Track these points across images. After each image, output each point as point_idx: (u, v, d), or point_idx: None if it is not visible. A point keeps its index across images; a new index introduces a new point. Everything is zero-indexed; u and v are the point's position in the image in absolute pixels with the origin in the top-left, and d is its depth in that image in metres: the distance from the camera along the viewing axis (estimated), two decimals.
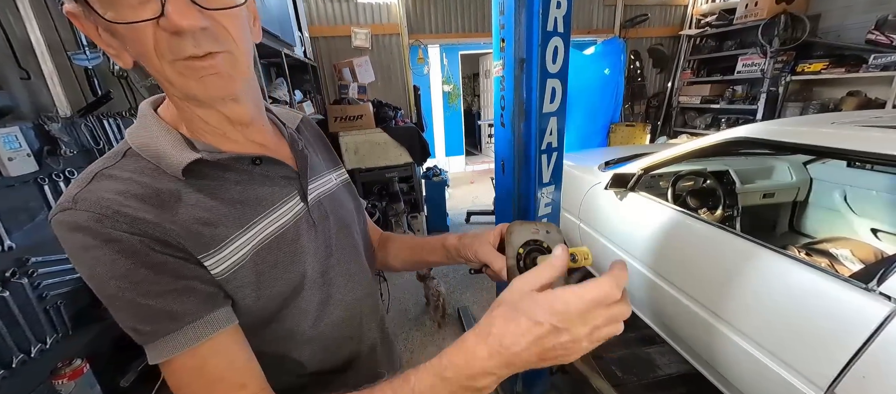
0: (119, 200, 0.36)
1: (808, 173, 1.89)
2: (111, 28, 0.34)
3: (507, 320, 0.32)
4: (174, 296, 0.36)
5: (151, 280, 0.36)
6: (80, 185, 0.37)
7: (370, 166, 3.00)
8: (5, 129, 1.02)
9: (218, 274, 0.39)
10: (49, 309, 1.10)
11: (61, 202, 0.36)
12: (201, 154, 0.40)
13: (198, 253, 0.38)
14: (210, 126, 0.43)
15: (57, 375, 1.02)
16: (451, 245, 0.60)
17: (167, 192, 0.38)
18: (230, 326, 0.39)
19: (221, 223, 0.40)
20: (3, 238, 1.01)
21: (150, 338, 0.36)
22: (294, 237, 0.46)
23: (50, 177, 1.14)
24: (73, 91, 1.35)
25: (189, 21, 0.33)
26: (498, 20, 1.11)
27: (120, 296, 0.35)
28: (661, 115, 4.74)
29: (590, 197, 1.91)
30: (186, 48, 0.35)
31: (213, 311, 0.38)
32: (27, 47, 1.26)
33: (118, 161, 0.39)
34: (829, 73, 3.10)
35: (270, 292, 0.43)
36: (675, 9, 4.45)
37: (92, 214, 0.34)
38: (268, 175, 0.46)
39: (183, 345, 0.36)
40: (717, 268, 1.20)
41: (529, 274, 0.34)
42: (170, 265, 0.37)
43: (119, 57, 0.37)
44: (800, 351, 0.95)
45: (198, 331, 0.37)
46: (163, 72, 0.36)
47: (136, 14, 0.33)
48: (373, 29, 3.62)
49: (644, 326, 1.61)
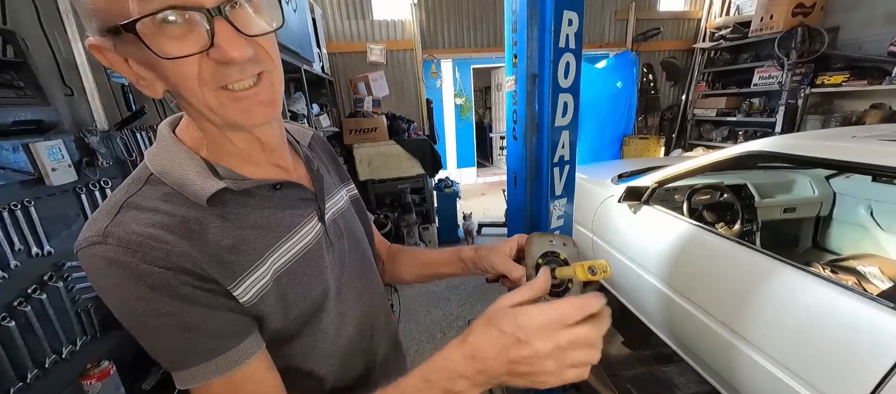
0: (148, 232, 0.35)
1: (831, 188, 1.83)
2: (150, 60, 0.33)
3: (481, 329, 0.35)
4: (206, 328, 0.37)
5: (184, 313, 0.36)
6: (107, 216, 0.36)
7: (383, 178, 3.05)
8: (50, 142, 1.09)
9: (246, 302, 0.40)
10: (80, 312, 1.16)
11: (90, 236, 0.35)
12: (226, 183, 0.40)
13: (226, 283, 0.39)
14: (237, 149, 0.42)
15: (86, 375, 1.07)
16: (466, 257, 0.61)
17: (193, 220, 0.38)
18: (260, 352, 0.40)
19: (246, 250, 0.41)
20: (43, 243, 1.07)
21: (181, 367, 0.37)
22: (316, 258, 0.47)
23: (87, 186, 1.21)
24: (110, 106, 1.45)
25: (240, 52, 0.34)
26: (510, 37, 1.15)
27: (152, 329, 0.36)
28: (676, 127, 4.68)
29: (603, 210, 1.90)
30: (232, 76, 0.35)
31: (244, 340, 0.39)
32: (71, 65, 1.35)
33: (141, 188, 0.39)
34: (849, 85, 3.03)
35: (296, 313, 0.44)
36: (688, 22, 4.45)
37: (122, 249, 0.34)
38: (288, 199, 0.46)
39: (215, 374, 0.37)
40: (737, 284, 1.17)
41: (513, 292, 0.37)
42: (200, 297, 0.37)
43: (149, 87, 0.37)
44: (825, 372, 0.91)
45: (230, 360, 0.38)
46: (204, 100, 0.36)
47: (184, 47, 0.33)
48: (388, 45, 3.74)
49: (660, 343, 1.57)
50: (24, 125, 1.05)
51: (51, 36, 1.29)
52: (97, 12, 0.32)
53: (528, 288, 0.37)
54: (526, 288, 0.37)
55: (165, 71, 0.34)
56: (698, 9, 4.41)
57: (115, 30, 0.31)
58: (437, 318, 2.35)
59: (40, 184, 1.08)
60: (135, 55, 0.34)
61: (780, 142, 1.23)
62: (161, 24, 0.31)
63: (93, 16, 0.32)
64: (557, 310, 0.32)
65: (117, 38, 0.33)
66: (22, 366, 1.00)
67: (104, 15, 0.32)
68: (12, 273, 0.99)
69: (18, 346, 0.99)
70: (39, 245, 1.06)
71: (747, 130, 3.95)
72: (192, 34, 0.33)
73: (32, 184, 1.07)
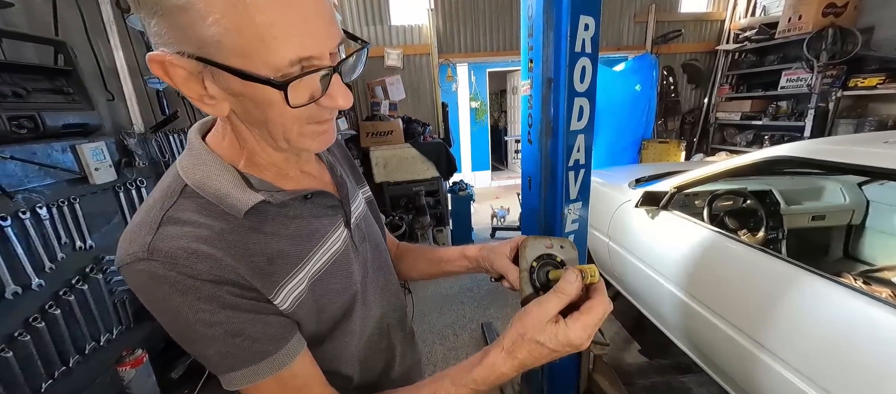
0: (192, 247, 0.36)
1: (863, 195, 1.75)
2: (239, 91, 0.35)
3: (529, 347, 0.40)
4: (254, 333, 0.39)
5: (232, 321, 0.37)
6: (149, 230, 0.36)
7: (398, 180, 3.10)
8: (94, 143, 1.18)
9: (285, 310, 0.42)
10: (116, 303, 1.24)
11: (134, 251, 0.35)
12: (263, 196, 0.41)
13: (267, 292, 0.40)
14: (276, 165, 0.44)
15: (121, 362, 1.14)
16: (471, 255, 0.63)
17: (231, 233, 0.39)
18: (303, 350, 0.43)
19: (283, 261, 0.42)
20: (86, 238, 1.16)
21: (231, 370, 0.39)
22: (345, 263, 0.49)
23: (125, 185, 1.29)
24: (146, 110, 1.54)
25: (348, 102, 0.38)
26: (526, 41, 1.16)
27: (202, 337, 0.37)
28: (698, 131, 4.55)
29: (619, 215, 1.87)
30: (325, 115, 0.40)
31: (289, 341, 0.41)
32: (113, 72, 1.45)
33: (176, 200, 0.39)
34: (885, 87, 2.88)
35: (327, 317, 0.47)
36: (710, 24, 4.33)
37: (168, 264, 0.35)
38: (318, 207, 0.48)
39: (265, 374, 0.39)
40: (761, 294, 1.13)
41: (546, 303, 0.40)
42: (246, 305, 0.38)
43: (214, 107, 0.38)
44: (855, 388, 0.88)
45: (277, 361, 0.40)
46: (287, 132, 0.38)
47: (303, 96, 0.36)
48: (404, 49, 3.80)
49: (679, 352, 1.54)
50: (72, 128, 1.14)
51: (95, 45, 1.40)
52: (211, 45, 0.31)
53: (561, 298, 0.40)
54: (558, 298, 0.40)
55: (265, 109, 0.36)
56: (722, 10, 4.29)
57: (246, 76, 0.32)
58: (450, 320, 2.36)
59: (84, 182, 1.17)
60: (223, 84, 0.35)
61: (808, 147, 1.19)
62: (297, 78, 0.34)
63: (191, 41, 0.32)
64: (594, 317, 0.39)
65: (211, 68, 0.33)
66: (65, 352, 1.08)
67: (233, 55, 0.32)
68: (59, 265, 1.07)
69: (62, 333, 1.07)
70: (83, 239, 1.15)
71: (774, 134, 3.80)
72: (310, 84, 0.36)
73: (78, 182, 1.16)
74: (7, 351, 0.94)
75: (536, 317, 0.40)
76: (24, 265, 0.99)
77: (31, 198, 1.02)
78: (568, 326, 0.39)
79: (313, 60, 0.34)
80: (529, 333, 0.40)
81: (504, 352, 0.41)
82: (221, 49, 0.32)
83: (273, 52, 0.32)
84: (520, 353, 0.40)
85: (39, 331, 1.01)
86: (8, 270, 0.96)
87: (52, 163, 1.08)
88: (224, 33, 0.31)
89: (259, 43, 0.32)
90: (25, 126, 1.01)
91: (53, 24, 1.26)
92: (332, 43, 0.36)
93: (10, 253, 0.97)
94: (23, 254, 0.99)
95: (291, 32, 0.32)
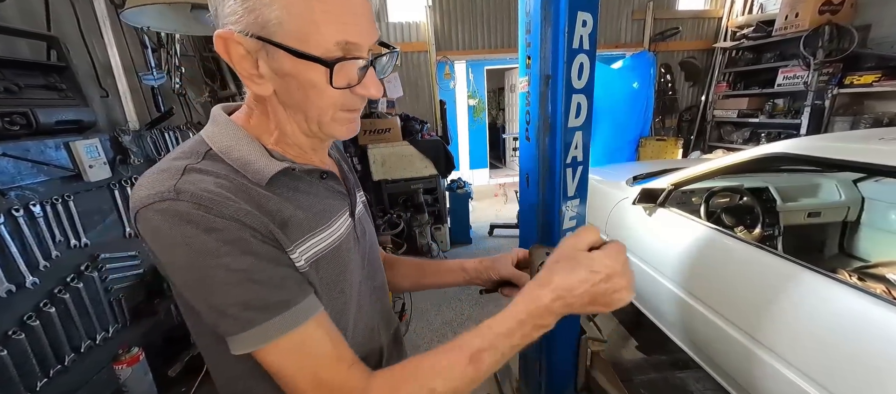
0: (219, 191, 0.37)
1: (859, 192, 1.76)
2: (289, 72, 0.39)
3: (568, 271, 0.43)
4: (275, 281, 0.39)
5: (254, 268, 0.37)
6: (172, 176, 0.37)
7: (396, 178, 3.09)
8: (88, 140, 1.17)
9: (300, 267, 0.42)
10: (112, 301, 1.23)
11: (160, 192, 0.36)
12: (286, 164, 0.43)
13: (285, 245, 0.41)
14: (299, 148, 0.47)
15: (117, 360, 1.13)
16: (470, 267, 0.66)
17: (254, 191, 0.41)
18: (321, 311, 0.42)
19: (296, 226, 0.43)
20: (81, 235, 1.15)
21: (249, 325, 0.37)
22: (346, 251, 0.49)
23: (120, 183, 1.28)
24: (141, 107, 1.53)
25: (379, 92, 0.44)
26: (524, 38, 1.15)
27: (222, 283, 0.36)
28: (695, 129, 4.57)
29: (617, 212, 1.88)
30: (357, 104, 0.45)
31: (309, 294, 0.41)
32: (107, 69, 1.44)
33: (201, 160, 0.40)
34: (881, 85, 2.90)
35: (325, 302, 0.45)
36: (708, 21, 4.34)
37: (195, 204, 0.36)
38: (330, 190, 0.50)
39: (290, 326, 0.38)
40: (757, 290, 1.14)
41: (576, 236, 0.45)
42: (269, 253, 0.39)
43: (260, 86, 0.41)
44: (850, 382, 0.88)
45: (297, 314, 0.39)
46: (322, 117, 0.43)
47: (342, 81, 0.40)
48: (402, 47, 3.79)
49: (676, 349, 1.55)
50: (66, 125, 1.12)
51: (89, 41, 1.38)
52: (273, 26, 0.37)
53: (591, 231, 0.46)
54: (588, 231, 0.45)
55: (307, 90, 0.40)
56: (719, 8, 4.30)
57: (301, 54, 0.37)
58: (448, 318, 2.36)
59: (79, 180, 1.16)
60: (275, 64, 0.39)
61: (804, 144, 1.19)
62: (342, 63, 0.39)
63: (256, 22, 0.37)
64: (618, 247, 0.44)
65: (269, 46, 0.38)
66: (60, 350, 1.07)
67: (290, 36, 0.37)
68: (54, 263, 1.06)
69: (58, 331, 1.06)
70: (77, 237, 1.14)
71: (770, 131, 3.82)
72: (349, 71, 0.41)
73: (72, 180, 1.14)
74: (2, 350, 0.93)
75: (570, 244, 0.45)
76: (18, 263, 0.98)
77: (24, 195, 1.01)
78: (598, 254, 0.43)
79: (355, 47, 0.39)
80: (565, 254, 0.44)
81: (540, 283, 0.43)
82: (281, 30, 0.37)
83: (324, 34, 0.38)
84: (556, 276, 0.42)
85: (34, 329, 1.00)
86: (2, 269, 0.95)
87: (45, 160, 1.07)
88: (286, 17, 0.36)
89: (313, 26, 0.37)
90: (18, 123, 1.00)
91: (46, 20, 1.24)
92: (371, 39, 0.41)
93: (3, 251, 0.96)
94: (17, 252, 0.98)
95: (342, 20, 0.38)
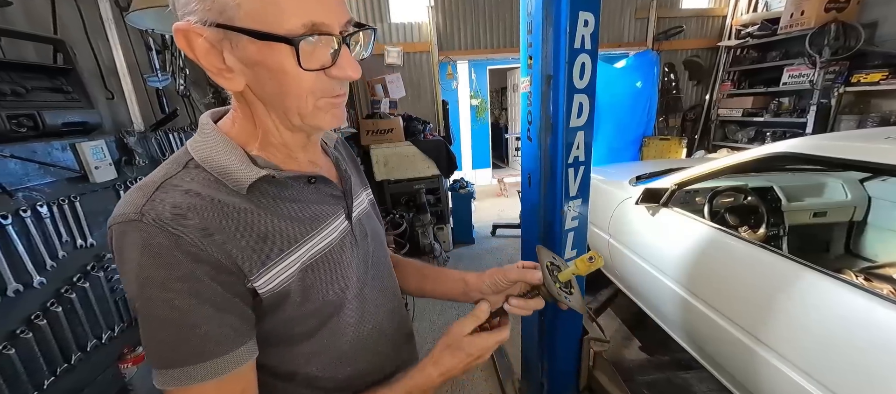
0: (183, 215, 0.37)
1: (865, 191, 1.74)
2: (256, 60, 0.37)
3: (452, 355, 0.51)
4: (208, 329, 0.38)
5: (194, 310, 0.37)
6: (144, 194, 0.37)
7: (398, 178, 3.10)
8: (94, 142, 1.18)
9: (267, 292, 0.41)
10: (118, 300, 1.24)
11: (126, 212, 0.36)
12: (267, 171, 0.41)
13: (251, 272, 0.40)
14: (285, 147, 0.45)
15: (122, 360, 1.15)
16: (471, 280, 0.63)
17: (229, 205, 0.40)
18: (252, 359, 0.42)
19: (278, 240, 0.42)
20: (87, 236, 1.16)
21: (169, 365, 0.37)
22: (339, 255, 0.49)
23: (125, 183, 1.29)
24: (146, 109, 1.54)
25: (357, 73, 0.41)
26: (526, 38, 1.15)
27: (158, 319, 0.36)
28: (699, 128, 4.53)
29: (620, 212, 1.87)
30: (337, 90, 0.42)
31: (242, 345, 0.40)
32: (112, 71, 1.45)
33: (180, 171, 0.40)
34: (888, 83, 2.86)
35: (312, 308, 0.46)
36: (712, 20, 4.31)
37: (157, 229, 0.36)
38: (320, 194, 0.48)
39: (209, 376, 0.38)
40: (761, 290, 1.13)
41: (464, 322, 0.52)
42: (215, 295, 0.38)
43: (231, 81, 0.39)
44: (855, 384, 0.88)
45: (225, 363, 0.39)
46: (301, 106, 0.40)
47: (314, 63, 0.38)
48: (405, 47, 3.79)
49: (679, 349, 1.54)
50: (72, 127, 1.14)
51: (94, 43, 1.40)
52: (231, 10, 0.35)
53: (474, 318, 0.52)
54: (471, 320, 0.52)
55: (279, 77, 0.38)
56: (723, 6, 4.26)
57: (262, 35, 0.35)
58: (450, 318, 2.37)
59: (85, 181, 1.17)
60: (240, 53, 0.37)
61: (809, 143, 1.18)
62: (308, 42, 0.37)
63: (213, 8, 0.35)
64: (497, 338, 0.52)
65: (230, 34, 0.36)
66: (67, 349, 1.08)
67: (250, 18, 0.35)
68: (60, 263, 1.08)
69: (65, 330, 1.07)
70: (83, 237, 1.15)
71: (776, 130, 3.79)
72: (321, 54, 0.39)
73: (78, 181, 1.16)
74: (9, 348, 0.94)
75: (457, 331, 0.51)
76: (25, 263, 1.00)
77: (31, 196, 1.03)
78: (477, 339, 0.51)
79: (323, 27, 0.37)
80: (453, 343, 0.51)
81: (433, 361, 0.51)
82: (239, 12, 0.35)
83: (287, 14, 0.35)
84: (445, 360, 0.50)
85: (41, 328, 1.01)
86: (9, 268, 0.96)
87: (52, 161, 1.08)
88: None
89: (273, 6, 0.35)
90: (25, 125, 1.01)
91: (52, 23, 1.26)
92: (340, 19, 0.39)
93: (11, 251, 0.97)
94: (24, 252, 0.99)
95: None
